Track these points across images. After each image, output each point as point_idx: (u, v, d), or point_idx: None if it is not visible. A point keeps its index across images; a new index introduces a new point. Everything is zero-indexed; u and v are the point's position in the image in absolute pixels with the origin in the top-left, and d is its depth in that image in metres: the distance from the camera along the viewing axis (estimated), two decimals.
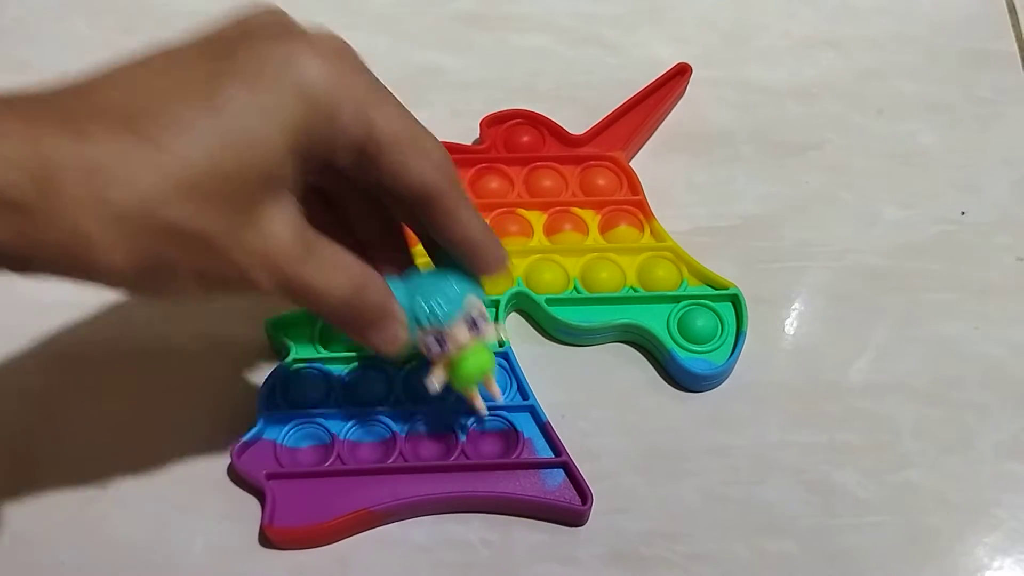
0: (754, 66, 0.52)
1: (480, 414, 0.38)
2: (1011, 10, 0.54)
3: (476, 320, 0.35)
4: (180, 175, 0.26)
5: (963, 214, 0.47)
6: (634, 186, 0.46)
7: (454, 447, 0.39)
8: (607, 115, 0.47)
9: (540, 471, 0.38)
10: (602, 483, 0.38)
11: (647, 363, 0.43)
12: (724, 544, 0.38)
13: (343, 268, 0.31)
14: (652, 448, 0.40)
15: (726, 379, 0.42)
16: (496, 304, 0.42)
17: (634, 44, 0.53)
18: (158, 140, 0.26)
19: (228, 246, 0.28)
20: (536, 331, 0.43)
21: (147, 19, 0.52)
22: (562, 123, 0.47)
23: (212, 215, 0.27)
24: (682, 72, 0.49)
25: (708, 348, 0.41)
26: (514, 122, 0.47)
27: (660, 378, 0.42)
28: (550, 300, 0.42)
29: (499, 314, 0.42)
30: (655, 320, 0.42)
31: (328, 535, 0.38)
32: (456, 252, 0.34)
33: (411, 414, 0.39)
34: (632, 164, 0.47)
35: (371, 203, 0.36)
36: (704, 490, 0.39)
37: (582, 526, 0.38)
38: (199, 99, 0.27)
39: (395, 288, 0.34)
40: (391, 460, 0.38)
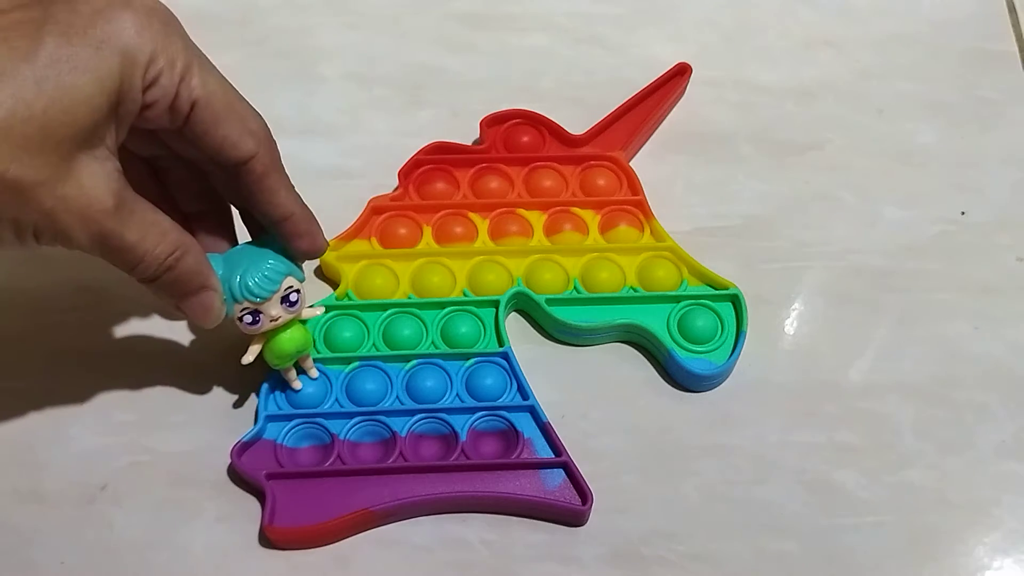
0: (754, 66, 0.52)
1: (294, 388, 0.39)
2: (1011, 10, 0.54)
3: (291, 297, 0.36)
4: None
5: (963, 214, 0.47)
6: (634, 186, 0.46)
7: (454, 447, 0.39)
8: (607, 115, 0.47)
9: (540, 471, 0.38)
10: (602, 483, 0.38)
11: (647, 363, 0.43)
12: (724, 544, 0.38)
13: (161, 231, 0.32)
14: (652, 448, 0.40)
15: (726, 379, 0.42)
16: (496, 304, 0.42)
17: (634, 44, 0.53)
18: None
19: (41, 196, 0.28)
20: (536, 331, 0.43)
21: None
22: (562, 123, 0.47)
23: (27, 162, 0.28)
24: (682, 72, 0.49)
25: (708, 348, 0.41)
26: (514, 122, 0.47)
27: (660, 378, 0.42)
28: (550, 300, 0.42)
29: (499, 314, 0.42)
30: (655, 320, 0.42)
31: (328, 535, 0.38)
32: (275, 230, 0.35)
33: (411, 414, 0.40)
34: (632, 164, 0.47)
35: (196, 176, 0.36)
36: (704, 490, 0.39)
37: (582, 526, 0.38)
38: (16, 49, 0.27)
39: (214, 261, 0.35)
40: (391, 460, 0.38)
